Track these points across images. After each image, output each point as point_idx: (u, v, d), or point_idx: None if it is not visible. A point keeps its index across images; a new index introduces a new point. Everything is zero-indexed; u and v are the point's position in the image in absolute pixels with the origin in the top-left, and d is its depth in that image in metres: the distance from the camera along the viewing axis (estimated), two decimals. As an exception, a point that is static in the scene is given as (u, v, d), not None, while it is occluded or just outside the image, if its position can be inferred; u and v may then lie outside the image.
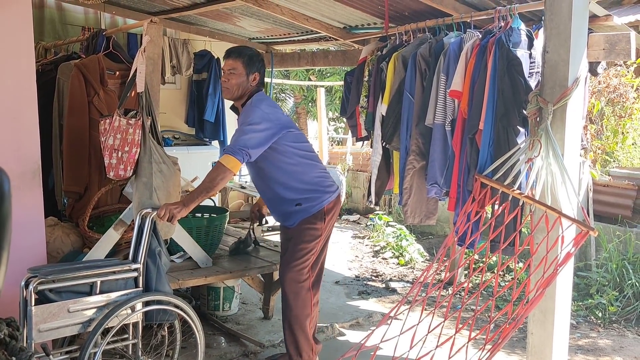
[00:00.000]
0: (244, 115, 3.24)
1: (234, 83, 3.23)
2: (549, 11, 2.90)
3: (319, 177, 3.36)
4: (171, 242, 3.70)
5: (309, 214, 3.30)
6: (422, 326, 2.77)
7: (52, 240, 3.59)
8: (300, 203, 3.29)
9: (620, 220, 5.32)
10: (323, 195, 3.33)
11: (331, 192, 3.38)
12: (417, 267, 6.01)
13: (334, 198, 3.39)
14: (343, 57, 5.86)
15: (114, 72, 4.23)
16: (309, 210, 3.30)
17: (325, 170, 3.46)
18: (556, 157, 2.82)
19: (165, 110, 6.36)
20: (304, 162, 3.31)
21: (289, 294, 3.32)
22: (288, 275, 3.31)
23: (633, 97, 6.21)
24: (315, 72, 12.78)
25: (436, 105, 3.67)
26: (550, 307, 2.95)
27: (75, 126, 4.02)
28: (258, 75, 3.29)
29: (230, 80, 3.23)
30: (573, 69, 2.84)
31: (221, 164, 3.03)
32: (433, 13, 4.16)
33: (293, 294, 3.31)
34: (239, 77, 3.23)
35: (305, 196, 3.30)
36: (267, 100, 3.31)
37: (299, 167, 3.29)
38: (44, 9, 5.96)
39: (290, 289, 3.32)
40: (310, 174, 3.33)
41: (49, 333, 2.61)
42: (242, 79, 3.24)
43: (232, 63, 3.24)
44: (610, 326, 4.46)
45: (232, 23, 6.02)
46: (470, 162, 3.45)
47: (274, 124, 3.16)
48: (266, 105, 3.23)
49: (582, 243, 2.68)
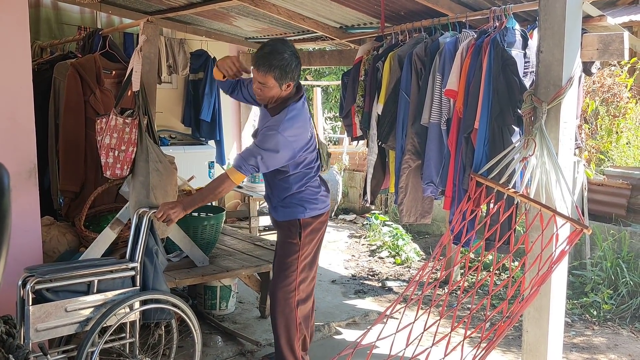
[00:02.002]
0: (273, 121, 3.02)
1: (268, 96, 3.01)
2: (543, 11, 2.92)
3: (307, 189, 3.23)
4: (168, 241, 3.71)
5: (288, 217, 3.23)
6: (418, 324, 2.79)
7: (48, 239, 3.60)
8: (284, 202, 3.25)
9: (615, 219, 5.34)
10: (304, 207, 3.21)
11: (312, 209, 3.23)
12: (413, 266, 6.02)
13: (313, 214, 3.23)
14: (339, 57, 5.87)
15: (111, 71, 4.24)
16: (289, 214, 3.22)
17: (318, 185, 3.29)
18: (550, 156, 2.84)
19: (162, 110, 6.37)
20: (302, 173, 3.20)
21: (275, 313, 3.29)
22: (276, 293, 3.28)
23: (627, 96, 6.25)
24: (311, 72, 12.79)
25: (432, 105, 3.69)
26: (545, 305, 2.97)
27: (72, 125, 4.03)
28: (292, 83, 3.01)
29: (264, 92, 3.00)
30: (567, 69, 2.87)
31: (228, 177, 2.98)
32: (429, 13, 4.18)
33: (279, 313, 3.28)
34: (272, 89, 2.97)
35: (290, 200, 3.23)
36: (297, 121, 3.03)
37: (296, 177, 3.20)
38: (40, 8, 5.97)
39: (276, 307, 3.28)
40: (300, 183, 3.21)
41: (47, 332, 2.61)
42: (275, 90, 2.98)
43: (263, 77, 2.93)
44: (605, 324, 4.49)
45: (229, 23, 6.02)
46: (465, 161, 3.47)
47: (293, 152, 3.01)
48: (294, 129, 3.00)
49: (576, 241, 2.70)
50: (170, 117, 7.00)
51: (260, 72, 2.92)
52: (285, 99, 3.05)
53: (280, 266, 3.29)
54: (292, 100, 3.06)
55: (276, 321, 3.28)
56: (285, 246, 3.28)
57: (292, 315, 3.26)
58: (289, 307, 3.25)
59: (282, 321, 3.26)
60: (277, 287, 3.27)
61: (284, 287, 3.25)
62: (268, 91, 2.98)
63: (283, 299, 3.25)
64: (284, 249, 3.29)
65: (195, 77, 6.87)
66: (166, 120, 6.90)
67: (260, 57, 2.92)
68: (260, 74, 2.93)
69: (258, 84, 2.97)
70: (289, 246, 3.25)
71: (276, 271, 3.34)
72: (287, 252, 3.26)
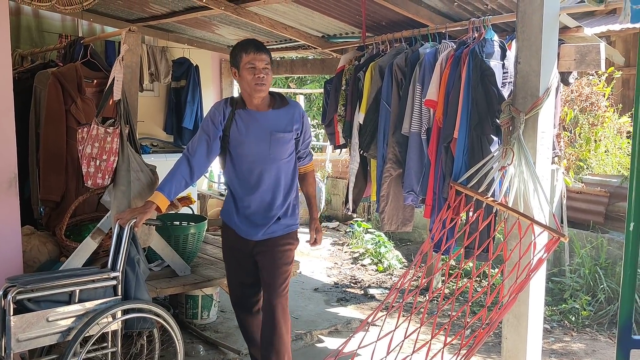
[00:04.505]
0: (308, 126, 3.18)
1: (270, 80, 3.01)
2: (520, 23, 2.98)
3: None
4: (149, 250, 3.70)
5: (292, 226, 3.19)
6: (399, 332, 2.81)
7: (28, 249, 3.57)
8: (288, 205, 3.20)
9: (593, 226, 5.42)
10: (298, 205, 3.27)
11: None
12: (395, 274, 6.06)
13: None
14: (322, 66, 5.91)
15: (92, 80, 4.23)
16: (294, 221, 3.20)
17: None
18: (528, 165, 2.89)
19: (144, 118, 6.34)
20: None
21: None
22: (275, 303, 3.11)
23: (605, 105, 6.35)
24: (294, 80, 12.82)
25: (412, 114, 3.74)
26: (524, 311, 3.02)
27: (52, 135, 4.01)
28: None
29: (268, 77, 2.96)
30: (544, 80, 2.93)
31: (314, 173, 3.30)
32: (410, 23, 4.23)
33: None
34: (270, 72, 2.99)
35: (295, 201, 3.23)
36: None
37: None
38: (21, 16, 5.93)
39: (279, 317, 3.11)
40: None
41: (28, 343, 2.59)
42: (271, 73, 3.03)
43: (266, 58, 2.96)
44: (584, 330, 4.55)
45: (211, 31, 6.04)
46: (445, 170, 3.51)
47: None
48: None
49: (553, 249, 2.75)
50: (152, 125, 6.98)
51: (264, 53, 2.94)
52: (277, 93, 3.15)
53: (280, 275, 3.08)
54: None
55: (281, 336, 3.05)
56: (283, 254, 3.10)
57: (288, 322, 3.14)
58: (287, 314, 3.11)
59: (285, 330, 3.08)
60: (278, 296, 3.06)
61: (284, 295, 3.09)
62: (269, 75, 2.96)
63: (283, 308, 3.08)
64: (282, 257, 3.09)
65: (178, 85, 6.87)
66: (148, 128, 6.88)
67: (254, 43, 2.96)
68: (264, 55, 2.94)
69: (262, 70, 2.92)
70: (288, 253, 3.12)
71: (272, 282, 3.07)
72: (287, 260, 3.11)
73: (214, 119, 3.00)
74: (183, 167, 2.97)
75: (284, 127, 3.03)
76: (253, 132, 2.99)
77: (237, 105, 3.03)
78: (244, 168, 3.03)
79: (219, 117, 3.00)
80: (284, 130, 3.02)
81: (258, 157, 3.00)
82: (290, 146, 3.08)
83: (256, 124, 3.00)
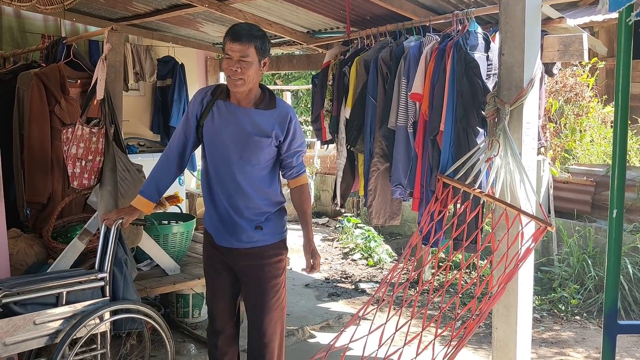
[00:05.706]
0: (297, 134, 2.77)
1: (251, 75, 2.59)
2: (503, 15, 2.98)
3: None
4: (138, 250, 3.69)
5: (279, 234, 2.95)
6: (390, 325, 2.82)
7: (15, 252, 3.54)
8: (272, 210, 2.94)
9: (580, 216, 5.47)
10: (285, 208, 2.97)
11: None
12: (385, 268, 6.07)
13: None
14: (307, 61, 5.90)
15: (75, 80, 4.19)
16: (281, 228, 2.96)
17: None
18: (514, 156, 2.90)
19: (129, 118, 6.31)
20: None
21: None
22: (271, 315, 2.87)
23: (589, 95, 6.40)
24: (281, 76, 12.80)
25: (398, 108, 3.74)
26: (513, 302, 3.03)
27: (37, 136, 3.98)
28: (268, 60, 2.68)
29: (244, 71, 2.56)
30: (528, 71, 2.93)
31: (307, 184, 2.91)
32: (394, 17, 4.23)
33: None
34: (251, 66, 2.57)
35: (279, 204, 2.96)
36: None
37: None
38: (2, 17, 5.86)
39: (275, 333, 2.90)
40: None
41: (15, 346, 2.58)
42: (254, 68, 2.59)
43: (243, 49, 2.54)
44: (573, 319, 4.59)
45: (196, 29, 6.00)
46: (432, 162, 3.52)
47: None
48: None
49: (540, 238, 2.76)
50: (139, 125, 6.93)
51: (243, 43, 2.54)
52: (269, 92, 2.79)
53: (268, 291, 2.81)
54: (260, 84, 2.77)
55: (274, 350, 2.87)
56: (271, 267, 2.81)
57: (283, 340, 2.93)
58: (284, 327, 2.92)
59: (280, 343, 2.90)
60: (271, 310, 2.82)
61: (280, 307, 2.86)
62: (248, 68, 2.56)
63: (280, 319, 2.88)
64: (270, 271, 2.80)
65: (163, 84, 6.83)
66: (134, 128, 6.83)
67: (238, 30, 2.59)
68: (241, 45, 2.54)
69: (237, 62, 2.55)
70: (276, 265, 2.82)
71: (258, 302, 2.81)
72: (276, 272, 2.82)
73: (192, 107, 2.76)
74: (164, 163, 2.79)
75: (262, 131, 2.66)
76: (228, 128, 2.67)
77: (220, 95, 2.73)
78: (216, 164, 2.72)
79: (197, 105, 2.75)
80: (261, 134, 2.66)
81: (229, 156, 2.68)
82: (268, 153, 2.70)
83: (233, 120, 2.68)
